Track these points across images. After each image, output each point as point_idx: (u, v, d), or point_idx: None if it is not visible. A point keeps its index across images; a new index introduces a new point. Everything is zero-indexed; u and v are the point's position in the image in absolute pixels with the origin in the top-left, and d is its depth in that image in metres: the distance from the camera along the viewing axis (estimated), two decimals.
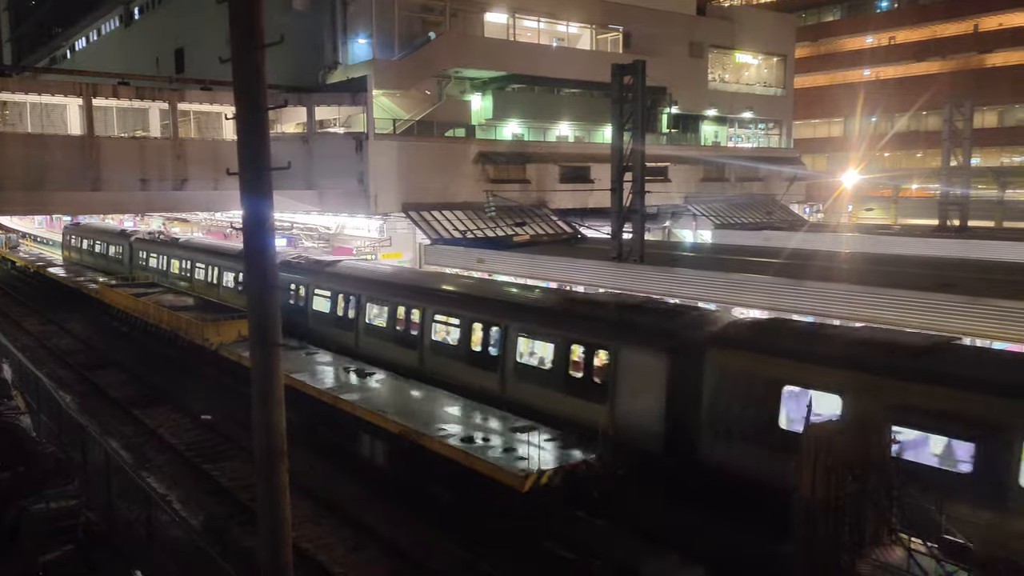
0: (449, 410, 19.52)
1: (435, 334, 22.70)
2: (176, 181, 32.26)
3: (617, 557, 15.23)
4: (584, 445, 16.77)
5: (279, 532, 9.45)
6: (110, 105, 33.77)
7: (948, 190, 40.78)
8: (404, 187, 36.33)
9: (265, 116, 8.93)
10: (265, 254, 9.24)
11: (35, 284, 55.11)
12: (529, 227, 37.78)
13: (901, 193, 57.09)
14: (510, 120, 44.42)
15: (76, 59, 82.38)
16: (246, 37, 8.69)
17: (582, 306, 19.88)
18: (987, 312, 18.75)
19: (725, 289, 24.43)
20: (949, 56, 67.30)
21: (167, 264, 41.43)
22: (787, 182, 52.05)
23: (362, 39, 40.09)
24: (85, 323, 40.92)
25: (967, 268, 25.24)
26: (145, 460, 21.58)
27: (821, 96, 73.67)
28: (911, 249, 31.70)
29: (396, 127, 38.77)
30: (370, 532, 16.96)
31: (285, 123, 40.98)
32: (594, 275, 28.46)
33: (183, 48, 55.22)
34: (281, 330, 9.50)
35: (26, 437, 17.00)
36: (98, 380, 29.84)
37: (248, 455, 21.03)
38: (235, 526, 17.26)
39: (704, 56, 52.48)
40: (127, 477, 14.88)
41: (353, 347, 25.70)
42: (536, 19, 44.95)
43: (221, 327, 27.69)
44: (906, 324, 19.38)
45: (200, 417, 25.31)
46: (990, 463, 12.04)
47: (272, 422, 9.32)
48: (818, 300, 21.94)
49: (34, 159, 29.45)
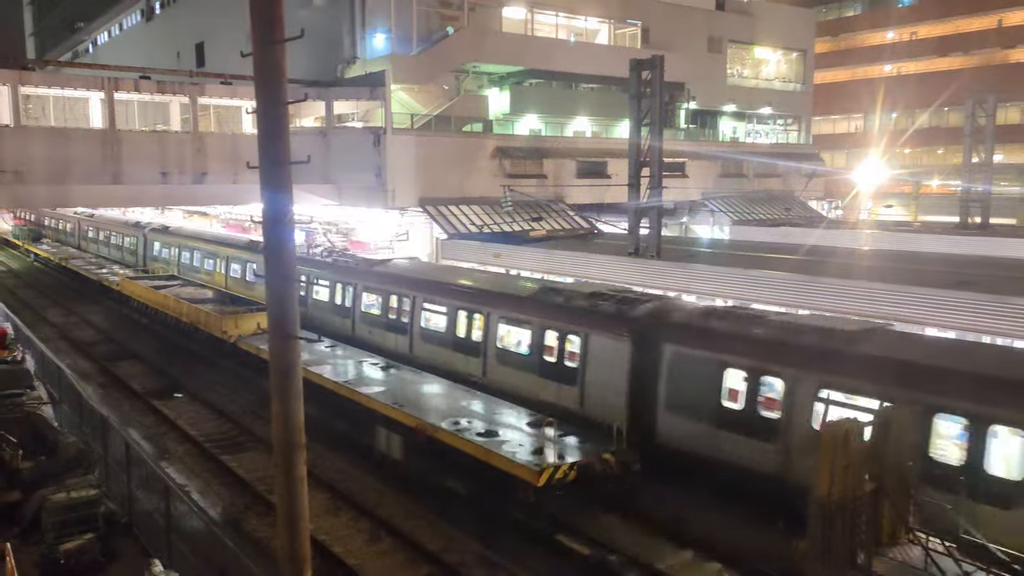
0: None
1: (426, 324, 24.17)
2: (196, 175, 32.52)
3: (631, 552, 15.25)
4: (600, 440, 16.83)
5: (297, 523, 9.53)
6: (131, 99, 34.10)
7: (969, 187, 40.35)
8: (421, 181, 36.41)
9: (285, 110, 8.98)
10: (285, 248, 9.31)
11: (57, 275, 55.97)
12: (546, 222, 37.77)
13: (921, 190, 56.56)
14: (527, 115, 44.37)
15: (98, 53, 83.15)
16: (266, 32, 8.75)
17: (557, 295, 20.90)
18: (1008, 310, 18.57)
19: (742, 285, 24.32)
20: (972, 51, 66.47)
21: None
22: (806, 178, 51.72)
23: (380, 34, 40.19)
24: (106, 314, 41.37)
25: (988, 266, 24.99)
26: (164, 451, 21.80)
27: (841, 92, 73.03)
28: (931, 246, 31.45)
29: (414, 122, 38.84)
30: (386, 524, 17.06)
31: (303, 117, 41.16)
32: (611, 271, 28.42)
33: (203, 42, 55.59)
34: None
35: (48, 427, 17.24)
36: (119, 371, 30.15)
37: (265, 447, 21.22)
38: (252, 517, 17.44)
39: (723, 51, 52.20)
40: (147, 467, 15.03)
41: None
42: (554, 14, 44.87)
43: (240, 320, 27.88)
44: (924, 322, 19.27)
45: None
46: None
47: (290, 415, 9.39)
48: (835, 297, 21.81)
49: (57, 153, 29.75)
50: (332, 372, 22.32)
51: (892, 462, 11.37)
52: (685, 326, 17.64)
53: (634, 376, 17.87)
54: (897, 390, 13.45)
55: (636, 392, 17.84)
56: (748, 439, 15.74)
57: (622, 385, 18.02)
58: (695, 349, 17.03)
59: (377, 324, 26.23)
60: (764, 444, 15.45)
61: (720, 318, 17.66)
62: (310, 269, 30.05)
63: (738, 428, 15.96)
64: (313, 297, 29.66)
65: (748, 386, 15.92)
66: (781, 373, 15.42)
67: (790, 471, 14.70)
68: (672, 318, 18.08)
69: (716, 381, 16.43)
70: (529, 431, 17.42)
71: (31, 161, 29.24)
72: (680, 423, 16.99)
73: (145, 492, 14.81)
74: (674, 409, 17.20)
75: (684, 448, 16.81)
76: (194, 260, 41.77)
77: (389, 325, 25.66)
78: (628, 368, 17.96)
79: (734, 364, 16.22)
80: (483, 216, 36.79)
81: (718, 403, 16.34)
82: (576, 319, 19.51)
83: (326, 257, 30.86)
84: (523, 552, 15.61)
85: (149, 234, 48.64)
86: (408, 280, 25.87)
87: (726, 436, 16.03)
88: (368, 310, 26.84)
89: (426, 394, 20.50)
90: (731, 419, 16.10)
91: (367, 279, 27.32)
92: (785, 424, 15.23)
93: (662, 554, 15.30)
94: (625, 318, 18.55)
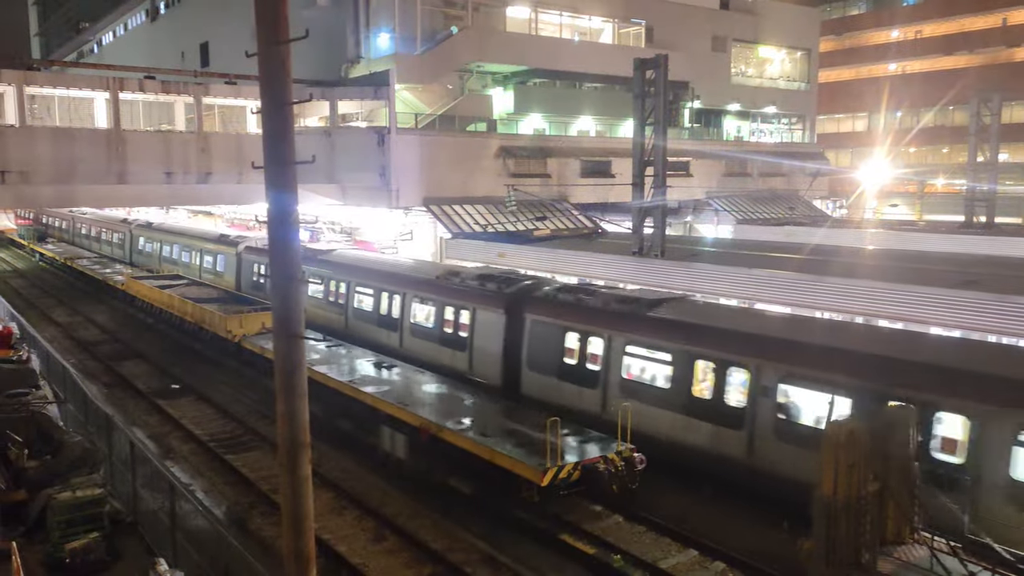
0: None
1: (358, 304, 28.53)
2: (200, 174, 32.57)
3: (636, 551, 15.25)
4: (604, 440, 16.87)
5: (302, 522, 9.55)
6: (136, 99, 34.15)
7: (974, 186, 40.25)
8: (425, 181, 36.43)
9: (290, 110, 8.99)
10: (290, 247, 9.33)
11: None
12: (550, 221, 37.77)
13: (926, 189, 56.41)
14: (531, 114, 44.38)
15: (103, 53, 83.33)
16: (271, 32, 8.76)
17: (455, 278, 24.90)
18: (1013, 309, 18.52)
19: (745, 285, 24.31)
20: (977, 50, 66.29)
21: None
22: (810, 178, 51.62)
23: (385, 33, 40.21)
24: (111, 314, 41.47)
25: (993, 265, 24.93)
26: (169, 450, 21.85)
27: (845, 90, 72.89)
28: (936, 246, 31.38)
29: (418, 121, 38.87)
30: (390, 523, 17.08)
31: (308, 117, 41.21)
32: (614, 270, 28.42)
33: (208, 42, 55.68)
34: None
35: (53, 426, 17.31)
36: (124, 371, 30.21)
37: (269, 446, 21.25)
38: (257, 516, 17.46)
39: (727, 50, 52.14)
40: (151, 467, 15.07)
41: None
42: (558, 13, 44.86)
43: (244, 319, 27.93)
44: (929, 321, 19.23)
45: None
46: (678, 379, 17.79)
47: (295, 414, 9.40)
48: (838, 296, 21.80)
49: (62, 152, 29.82)
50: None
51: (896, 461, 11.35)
52: (542, 300, 21.68)
53: (507, 341, 21.90)
54: (681, 345, 17.77)
55: (508, 354, 21.87)
56: (579, 387, 19.93)
57: (499, 349, 22.09)
58: (546, 317, 21.11)
59: (320, 307, 30.43)
60: (591, 391, 19.60)
61: (566, 293, 21.69)
62: (262, 258, 33.99)
63: (573, 379, 20.15)
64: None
65: (580, 346, 20.07)
66: (601, 334, 19.56)
67: (606, 411, 18.97)
68: (533, 294, 22.02)
69: (560, 343, 20.53)
70: (534, 431, 17.46)
71: (36, 161, 29.31)
72: (537, 377, 21.12)
73: (150, 491, 14.85)
74: (533, 366, 21.24)
75: (539, 397, 20.78)
76: (172, 254, 46.59)
77: (329, 307, 30.05)
78: (503, 335, 22.01)
79: (572, 329, 20.35)
80: (487, 215, 36.80)
81: (561, 360, 20.45)
82: (467, 297, 23.58)
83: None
84: (527, 551, 15.61)
85: (135, 230, 52.98)
86: (345, 267, 30.20)
87: (567, 386, 20.24)
88: (314, 294, 30.79)
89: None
90: (569, 372, 20.28)
91: (310, 265, 30.47)
92: (604, 375, 19.36)
93: (666, 553, 15.30)
94: (502, 295, 22.56)
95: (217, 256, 40.91)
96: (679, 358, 17.77)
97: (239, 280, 38.01)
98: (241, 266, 38.01)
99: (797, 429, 15.56)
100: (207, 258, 42.13)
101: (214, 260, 41.25)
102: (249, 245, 38.22)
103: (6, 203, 38.42)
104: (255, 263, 36.38)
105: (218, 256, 40.80)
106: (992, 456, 12.92)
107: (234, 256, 38.74)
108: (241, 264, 38.04)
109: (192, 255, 44.10)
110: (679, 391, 17.68)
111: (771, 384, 16.06)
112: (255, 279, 35.96)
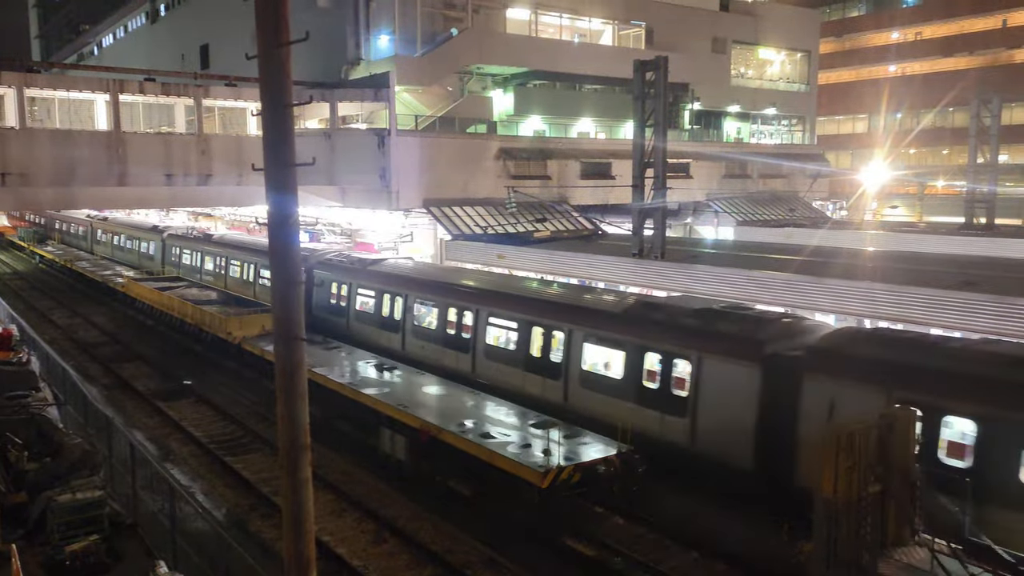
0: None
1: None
2: (201, 176, 32.57)
3: (636, 553, 15.24)
4: (605, 442, 16.80)
5: (302, 524, 9.54)
6: (136, 101, 34.14)
7: (975, 187, 40.24)
8: (425, 183, 36.43)
9: (290, 112, 8.98)
10: (290, 249, 9.32)
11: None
12: (550, 223, 37.75)
13: (927, 190, 56.38)
14: (531, 116, 44.38)
15: (103, 55, 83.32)
16: (271, 34, 8.75)
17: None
18: (1010, 311, 18.49)
19: (745, 286, 24.28)
20: (977, 52, 66.33)
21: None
22: (810, 179, 51.59)
23: (385, 35, 40.23)
24: (110, 316, 41.47)
25: (993, 266, 24.89)
26: (169, 452, 21.85)
27: (845, 92, 72.89)
28: (936, 247, 31.33)
29: (418, 123, 38.87)
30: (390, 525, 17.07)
31: (308, 118, 41.22)
32: (614, 271, 28.39)
33: (208, 45, 55.69)
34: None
35: (53, 428, 17.27)
36: (123, 373, 30.22)
37: (269, 448, 21.25)
38: (257, 518, 17.47)
39: (727, 52, 52.13)
40: (151, 469, 15.06)
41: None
42: (558, 15, 44.87)
43: (244, 321, 27.94)
44: (928, 322, 19.21)
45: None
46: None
47: (296, 416, 9.39)
48: (837, 298, 21.77)
49: (62, 155, 29.81)
50: None
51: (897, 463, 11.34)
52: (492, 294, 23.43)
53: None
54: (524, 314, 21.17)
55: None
56: (456, 352, 23.26)
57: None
58: (434, 299, 24.51)
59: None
60: (464, 355, 22.97)
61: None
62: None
63: (453, 346, 23.38)
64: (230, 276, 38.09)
65: (457, 319, 23.31)
66: (469, 309, 22.95)
67: (475, 371, 22.36)
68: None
69: (443, 317, 23.79)
70: (533, 433, 17.43)
71: (37, 163, 29.31)
72: (416, 342, 24.88)
73: (150, 493, 14.84)
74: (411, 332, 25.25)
75: (420, 358, 24.23)
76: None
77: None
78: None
79: (456, 307, 23.43)
80: (487, 217, 36.79)
81: (444, 331, 23.69)
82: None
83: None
84: (528, 553, 15.61)
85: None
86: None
87: (448, 352, 23.55)
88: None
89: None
90: (451, 341, 23.60)
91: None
92: (473, 342, 22.64)
93: (667, 555, 15.30)
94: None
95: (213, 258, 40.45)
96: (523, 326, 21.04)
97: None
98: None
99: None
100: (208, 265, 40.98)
101: (214, 263, 40.69)
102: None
103: (7, 205, 38.45)
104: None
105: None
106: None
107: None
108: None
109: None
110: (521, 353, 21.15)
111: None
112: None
